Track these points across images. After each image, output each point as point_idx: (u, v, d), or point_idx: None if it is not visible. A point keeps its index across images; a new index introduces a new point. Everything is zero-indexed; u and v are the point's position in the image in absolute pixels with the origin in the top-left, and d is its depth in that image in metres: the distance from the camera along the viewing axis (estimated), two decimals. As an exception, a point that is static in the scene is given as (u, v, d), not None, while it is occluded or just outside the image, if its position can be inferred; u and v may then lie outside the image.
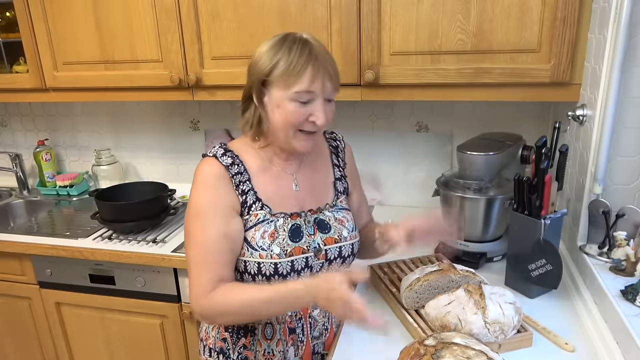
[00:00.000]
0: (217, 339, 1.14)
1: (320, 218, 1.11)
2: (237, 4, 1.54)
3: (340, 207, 1.16)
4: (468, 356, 0.84)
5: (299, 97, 0.97)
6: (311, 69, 0.96)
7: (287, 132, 1.02)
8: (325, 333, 1.16)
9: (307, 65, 0.96)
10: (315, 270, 1.08)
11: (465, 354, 0.84)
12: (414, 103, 1.84)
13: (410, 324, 1.10)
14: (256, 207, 1.05)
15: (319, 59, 0.97)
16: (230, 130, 2.08)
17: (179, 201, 2.04)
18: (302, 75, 0.96)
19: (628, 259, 1.13)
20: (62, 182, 2.20)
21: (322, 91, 0.99)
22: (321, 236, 1.09)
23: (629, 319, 0.96)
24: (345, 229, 1.13)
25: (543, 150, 1.18)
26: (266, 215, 1.05)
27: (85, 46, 1.73)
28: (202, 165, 1.05)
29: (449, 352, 0.85)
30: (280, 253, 1.03)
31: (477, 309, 1.01)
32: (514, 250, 1.26)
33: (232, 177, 1.04)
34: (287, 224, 1.07)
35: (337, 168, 1.21)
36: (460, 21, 1.37)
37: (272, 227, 1.05)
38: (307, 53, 0.97)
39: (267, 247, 1.03)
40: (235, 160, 1.06)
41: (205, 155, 1.08)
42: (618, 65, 1.11)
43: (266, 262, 1.03)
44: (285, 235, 1.05)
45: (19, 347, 1.97)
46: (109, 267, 1.69)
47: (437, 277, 1.12)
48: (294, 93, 0.97)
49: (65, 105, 2.26)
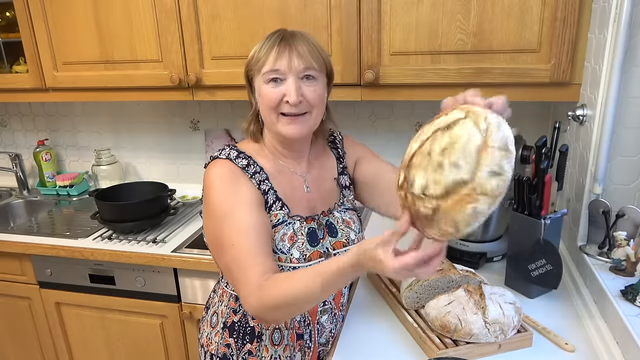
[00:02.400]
0: (220, 344, 1.12)
1: (330, 221, 1.11)
2: (237, 4, 1.54)
3: (347, 207, 1.16)
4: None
5: (267, 77, 1.00)
6: (277, 49, 0.99)
7: (270, 118, 1.03)
8: (332, 340, 1.15)
9: (273, 46, 1.00)
10: None
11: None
12: (414, 103, 1.84)
13: (410, 324, 1.10)
14: (276, 206, 1.04)
15: (285, 39, 1.00)
16: (230, 130, 2.08)
17: (179, 201, 2.04)
18: (269, 56, 1.00)
19: (628, 259, 1.13)
20: (62, 182, 2.20)
21: (290, 69, 0.99)
22: (330, 240, 1.09)
23: (629, 319, 0.96)
24: (352, 232, 1.13)
25: (543, 150, 1.18)
26: (285, 217, 1.05)
27: (85, 46, 1.73)
28: (216, 168, 1.02)
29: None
30: (300, 258, 1.03)
31: (477, 309, 1.01)
32: (514, 250, 1.26)
33: (251, 177, 1.03)
34: (304, 227, 1.06)
35: (338, 161, 1.20)
36: (460, 21, 1.37)
37: (290, 230, 1.04)
38: (274, 37, 1.01)
39: (287, 250, 1.02)
40: (249, 161, 1.05)
41: (216, 157, 1.05)
42: (618, 65, 1.11)
43: (285, 266, 1.02)
44: (304, 239, 1.05)
45: (19, 347, 1.97)
46: (109, 267, 1.69)
47: (437, 277, 1.12)
48: (263, 75, 1.01)
49: (65, 105, 2.26)
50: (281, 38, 1.00)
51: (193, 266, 1.58)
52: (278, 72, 0.99)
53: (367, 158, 1.21)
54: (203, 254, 1.59)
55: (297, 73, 1.00)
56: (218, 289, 1.17)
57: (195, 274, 1.62)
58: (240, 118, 1.57)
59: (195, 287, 1.64)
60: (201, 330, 1.19)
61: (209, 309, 1.18)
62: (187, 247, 1.65)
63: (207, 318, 1.17)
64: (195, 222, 1.85)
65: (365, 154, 1.22)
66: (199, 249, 1.62)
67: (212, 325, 1.14)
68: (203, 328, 1.18)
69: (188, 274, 1.63)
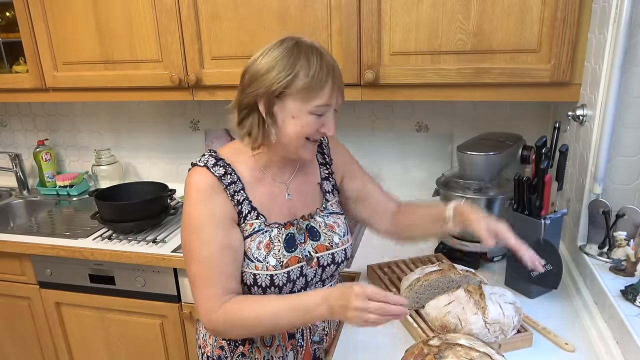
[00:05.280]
0: (214, 347, 1.13)
1: (311, 225, 1.10)
2: (237, 4, 1.54)
3: (330, 212, 1.15)
4: (471, 357, 0.83)
5: (317, 111, 0.97)
6: (331, 83, 0.96)
7: (298, 143, 1.00)
8: (326, 338, 1.16)
9: (328, 78, 0.96)
10: (310, 278, 1.07)
11: (469, 355, 0.84)
12: (414, 103, 1.84)
13: (411, 324, 1.10)
14: (251, 216, 1.04)
15: (335, 72, 0.98)
16: (230, 130, 2.08)
17: (179, 201, 2.04)
18: (324, 89, 0.96)
19: (628, 259, 1.13)
20: (62, 182, 2.20)
21: (336, 104, 1.01)
22: (312, 244, 1.09)
23: (629, 319, 0.96)
24: (336, 235, 1.12)
25: (543, 150, 1.18)
26: (261, 225, 1.04)
27: (85, 46, 1.73)
28: (193, 177, 1.02)
29: (452, 353, 0.84)
30: (277, 265, 1.02)
31: (477, 309, 1.01)
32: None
33: (226, 188, 1.02)
34: (282, 234, 1.05)
35: (324, 166, 1.19)
36: (460, 21, 1.37)
37: (267, 238, 1.03)
38: (326, 66, 0.96)
39: (263, 258, 1.02)
40: (227, 169, 1.03)
41: (195, 165, 1.04)
42: (618, 65, 1.11)
43: (262, 274, 1.02)
44: (280, 246, 1.04)
45: (19, 347, 1.97)
46: (109, 267, 1.69)
47: (437, 277, 1.12)
48: (314, 107, 0.96)
49: (65, 105, 2.26)
50: (331, 69, 0.97)
51: (193, 266, 1.58)
52: (329, 108, 0.99)
53: (353, 173, 1.23)
54: (203, 254, 1.59)
55: (337, 107, 1.02)
56: None
57: (195, 274, 1.62)
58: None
59: (195, 287, 1.64)
60: (197, 331, 1.20)
61: None
62: (187, 247, 1.65)
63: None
64: (195, 222, 1.85)
65: (350, 167, 1.23)
66: (199, 249, 1.62)
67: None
68: (199, 329, 1.19)
69: (188, 274, 1.63)
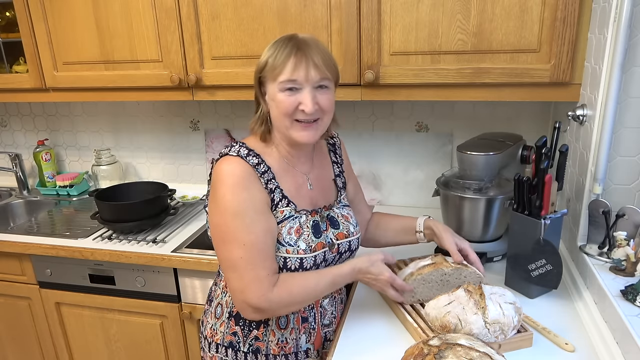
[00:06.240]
0: (226, 334, 1.16)
1: (331, 215, 1.18)
2: (237, 4, 1.54)
3: (343, 204, 1.24)
4: (471, 357, 0.83)
5: (284, 86, 1.03)
6: (293, 59, 1.02)
7: (284, 123, 1.07)
8: (334, 321, 1.23)
9: (290, 55, 1.02)
10: (328, 262, 1.15)
11: (469, 355, 0.84)
12: (414, 103, 1.84)
13: (411, 324, 1.10)
14: (282, 204, 1.10)
15: (301, 49, 1.03)
16: (230, 130, 2.08)
17: (179, 201, 2.04)
18: (285, 66, 1.02)
19: (628, 259, 1.13)
20: (62, 182, 2.20)
21: (307, 79, 1.03)
22: (333, 231, 1.16)
23: (629, 319, 0.96)
24: (350, 225, 1.20)
25: (543, 150, 1.18)
26: (292, 212, 1.11)
27: (85, 46, 1.73)
28: (229, 165, 1.05)
29: (452, 353, 0.85)
30: (306, 249, 1.09)
31: (477, 309, 1.01)
32: (514, 250, 1.26)
33: (260, 176, 1.07)
34: (309, 220, 1.12)
35: (336, 165, 1.27)
36: (460, 21, 1.37)
37: (297, 224, 1.10)
38: (290, 45, 1.03)
39: (294, 242, 1.08)
40: (259, 159, 1.09)
41: (226, 155, 1.07)
42: (618, 65, 1.11)
43: (292, 257, 1.08)
44: (309, 231, 1.11)
45: (18, 347, 1.97)
46: (108, 267, 1.69)
47: (430, 270, 1.15)
48: (279, 83, 1.04)
49: (65, 105, 2.26)
50: (297, 47, 1.03)
51: (193, 266, 1.58)
52: (295, 82, 1.03)
53: (349, 178, 1.31)
54: (203, 254, 1.59)
55: (313, 84, 1.04)
56: (220, 282, 1.20)
57: (195, 274, 1.62)
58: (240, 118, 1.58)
59: (195, 287, 1.64)
60: (205, 322, 1.22)
61: (212, 302, 1.21)
62: (187, 247, 1.65)
63: (211, 310, 1.20)
64: (195, 222, 1.86)
65: (348, 170, 1.32)
66: (199, 249, 1.62)
67: (216, 317, 1.18)
68: (207, 320, 1.21)
69: (188, 274, 1.63)
